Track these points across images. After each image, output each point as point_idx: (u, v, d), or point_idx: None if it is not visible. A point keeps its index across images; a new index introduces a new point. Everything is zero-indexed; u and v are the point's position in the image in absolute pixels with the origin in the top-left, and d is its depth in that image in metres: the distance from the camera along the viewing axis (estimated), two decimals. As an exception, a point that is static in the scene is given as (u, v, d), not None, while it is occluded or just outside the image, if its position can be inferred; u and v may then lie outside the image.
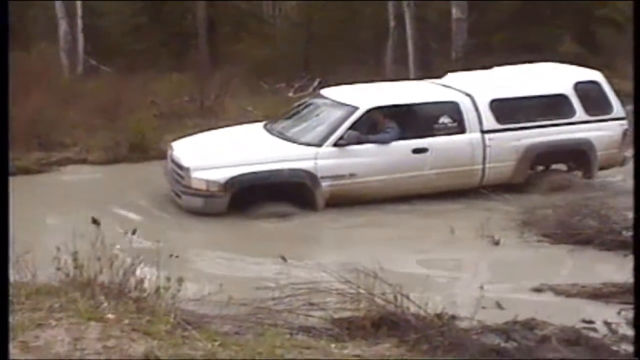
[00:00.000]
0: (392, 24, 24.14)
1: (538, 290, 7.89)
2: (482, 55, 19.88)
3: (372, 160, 10.97)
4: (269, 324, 6.10)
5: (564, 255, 9.14)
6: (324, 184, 10.71)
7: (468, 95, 11.64)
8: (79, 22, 23.23)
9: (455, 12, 22.27)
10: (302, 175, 10.65)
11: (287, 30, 27.42)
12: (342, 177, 10.80)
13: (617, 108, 12.18)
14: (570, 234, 9.44)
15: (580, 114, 11.98)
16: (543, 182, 11.74)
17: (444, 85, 12.26)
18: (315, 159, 10.74)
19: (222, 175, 10.41)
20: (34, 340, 4.77)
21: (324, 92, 12.42)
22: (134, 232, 6.62)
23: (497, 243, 9.42)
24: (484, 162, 11.49)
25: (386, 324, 6.07)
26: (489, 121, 11.51)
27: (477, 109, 11.50)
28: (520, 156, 11.66)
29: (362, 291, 6.40)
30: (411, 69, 22.44)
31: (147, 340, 4.91)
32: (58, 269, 6.08)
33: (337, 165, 10.82)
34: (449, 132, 11.39)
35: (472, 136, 11.44)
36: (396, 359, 5.35)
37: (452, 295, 7.27)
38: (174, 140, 11.85)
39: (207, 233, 10.21)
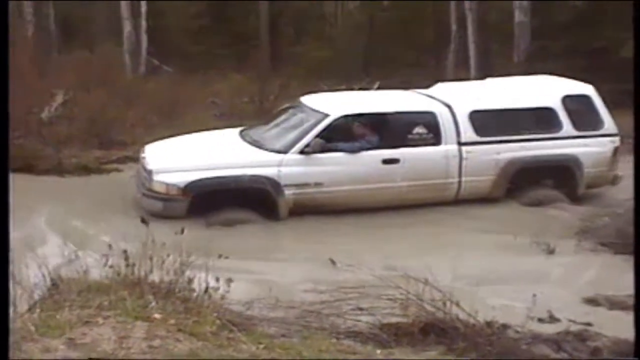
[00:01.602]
0: (454, 26, 23.99)
1: (592, 300, 7.72)
2: (544, 58, 19.62)
3: (339, 169, 10.64)
4: (316, 327, 6.08)
5: (622, 265, 8.86)
6: (288, 192, 10.41)
7: (447, 105, 11.29)
8: (143, 22, 23.56)
9: (518, 15, 21.99)
10: (263, 182, 10.33)
11: (348, 32, 27.34)
12: (307, 185, 10.50)
13: (609, 124, 11.68)
14: (629, 243, 9.20)
15: (567, 128, 11.53)
16: (524, 196, 11.31)
17: (428, 95, 11.86)
18: (279, 166, 10.44)
19: (182, 179, 10.21)
20: (81, 338, 4.81)
21: (303, 99, 11.97)
22: (182, 232, 6.65)
23: (552, 252, 9.25)
24: (459, 176, 11.11)
25: (434, 331, 6.00)
26: (468, 133, 11.12)
27: (455, 120, 11.13)
28: (499, 171, 11.25)
29: (411, 297, 6.34)
30: (472, 72, 22.26)
31: (192, 341, 4.92)
32: (110, 266, 6.15)
33: (302, 173, 10.52)
34: (423, 143, 10.99)
35: (448, 148, 11.05)
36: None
37: (502, 303, 7.15)
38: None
39: (257, 234, 10.19)
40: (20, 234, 8.15)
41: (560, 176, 11.59)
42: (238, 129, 11.82)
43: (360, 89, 20.77)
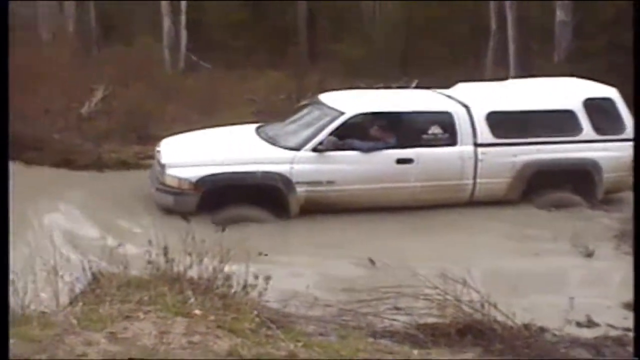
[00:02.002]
0: (493, 24, 23.82)
1: (631, 305, 7.62)
2: (585, 58, 19.44)
3: (352, 168, 10.55)
4: (353, 326, 6.10)
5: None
6: (299, 189, 10.33)
7: (465, 106, 11.15)
8: (183, 18, 23.68)
9: (559, 14, 21.78)
10: (275, 179, 10.28)
11: (386, 29, 27.22)
12: (318, 183, 10.42)
13: (631, 128, 11.32)
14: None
15: (587, 132, 11.27)
16: (541, 200, 11.12)
17: (447, 96, 11.70)
18: (292, 163, 10.37)
19: (194, 173, 10.19)
20: (122, 332, 4.87)
21: (321, 96, 11.88)
22: (223, 230, 6.68)
23: (590, 255, 9.17)
24: (474, 177, 10.97)
25: (472, 332, 5.98)
26: (484, 134, 10.96)
27: (472, 121, 10.98)
28: (515, 173, 11.07)
29: (449, 297, 6.33)
30: (511, 71, 22.10)
31: (231, 337, 4.95)
32: (149, 262, 6.21)
33: (314, 171, 10.43)
34: (438, 143, 10.86)
35: (463, 149, 10.90)
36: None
37: (540, 306, 7.10)
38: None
39: (297, 231, 10.22)
40: (61, 228, 8.27)
41: (579, 180, 11.31)
42: (255, 125, 11.79)
43: (397, 87, 20.77)
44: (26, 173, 11.34)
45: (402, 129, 10.91)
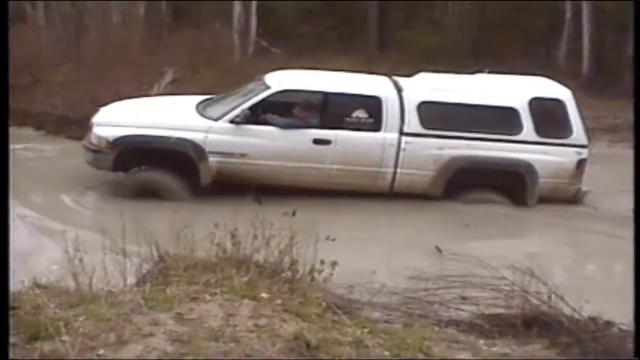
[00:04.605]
0: (568, 14, 23.40)
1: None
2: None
3: (266, 143, 10.51)
4: (419, 314, 6.05)
5: None
6: (212, 159, 10.43)
7: (399, 93, 10.84)
8: (253, 3, 23.76)
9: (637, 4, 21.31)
10: (187, 146, 10.40)
11: (458, 18, 26.97)
12: (231, 155, 10.47)
13: (578, 134, 10.83)
14: None
15: (527, 132, 10.74)
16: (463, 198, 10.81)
17: (394, 82, 11.25)
18: (207, 132, 10.46)
19: (113, 133, 10.48)
20: (188, 313, 4.90)
21: (269, 73, 11.68)
22: (294, 214, 6.66)
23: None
24: (395, 167, 10.68)
25: (538, 324, 5.88)
26: (412, 123, 10.64)
27: (402, 109, 10.68)
28: (440, 167, 10.69)
29: (516, 288, 6.24)
30: (585, 64, 21.70)
31: (297, 321, 4.95)
32: (216, 244, 6.23)
33: (228, 142, 10.49)
34: (361, 127, 10.65)
35: (386, 135, 10.63)
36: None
37: (606, 300, 6.92)
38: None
39: (361, 218, 10.20)
40: (130, 209, 8.35)
41: (510, 182, 10.87)
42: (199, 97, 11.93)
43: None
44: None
45: (326, 110, 10.81)
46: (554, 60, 23.50)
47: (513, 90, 11.25)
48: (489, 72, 12.52)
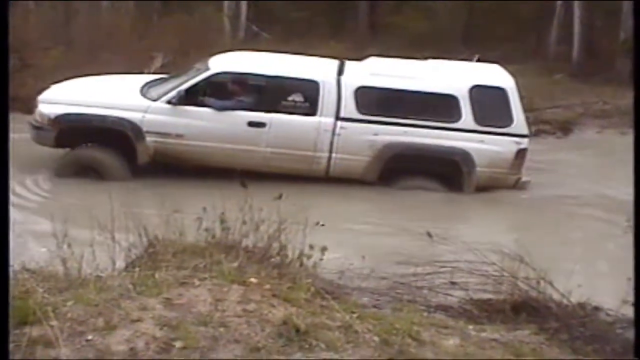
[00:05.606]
0: (558, 1, 23.38)
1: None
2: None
3: (202, 124, 10.70)
4: (408, 299, 6.06)
5: None
6: (149, 139, 10.63)
7: (338, 78, 10.90)
8: (244, -12, 23.71)
9: (626, -10, 21.32)
10: (125, 125, 10.61)
11: (449, 4, 26.92)
12: (167, 135, 10.67)
13: (519, 123, 10.83)
14: None
15: (466, 120, 10.77)
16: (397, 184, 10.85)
17: (338, 66, 11.33)
18: (145, 112, 10.64)
19: (54, 110, 10.72)
20: (177, 298, 4.89)
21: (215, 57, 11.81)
22: (280, 197, 6.65)
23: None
24: (330, 151, 10.77)
25: (526, 309, 5.90)
26: (349, 108, 10.72)
27: (339, 94, 10.75)
28: (375, 153, 10.75)
29: (505, 274, 6.25)
30: (575, 50, 21.69)
31: (286, 306, 4.94)
32: (205, 230, 6.22)
33: (165, 122, 10.68)
34: (296, 111, 10.75)
35: (321, 120, 10.73)
36: (534, 347, 5.18)
37: (595, 286, 6.94)
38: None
39: (355, 203, 10.18)
40: (118, 194, 8.33)
41: (446, 170, 10.91)
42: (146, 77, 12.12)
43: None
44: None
45: (263, 93, 10.86)
46: (545, 46, 23.49)
47: (455, 77, 11.26)
48: (478, 60, 12.49)
